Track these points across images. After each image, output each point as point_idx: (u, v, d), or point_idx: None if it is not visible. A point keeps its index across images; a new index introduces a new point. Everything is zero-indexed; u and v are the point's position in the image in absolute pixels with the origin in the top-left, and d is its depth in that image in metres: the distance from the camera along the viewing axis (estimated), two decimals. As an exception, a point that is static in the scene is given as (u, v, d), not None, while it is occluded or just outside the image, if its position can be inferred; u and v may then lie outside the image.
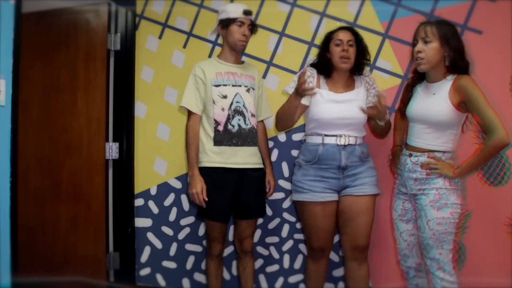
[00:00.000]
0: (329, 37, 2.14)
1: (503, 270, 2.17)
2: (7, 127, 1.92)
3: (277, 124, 2.21)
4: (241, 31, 2.17)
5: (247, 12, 2.18)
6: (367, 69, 2.23)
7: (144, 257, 2.72)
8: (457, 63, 1.83)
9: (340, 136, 2.06)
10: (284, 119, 2.14)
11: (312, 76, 2.15)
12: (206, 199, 2.11)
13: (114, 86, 2.75)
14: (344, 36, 2.09)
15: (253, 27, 2.23)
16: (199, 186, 2.12)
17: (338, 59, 2.07)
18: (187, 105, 2.20)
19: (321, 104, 2.09)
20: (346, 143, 2.06)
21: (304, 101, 2.11)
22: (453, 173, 1.83)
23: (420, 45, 1.84)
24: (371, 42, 2.41)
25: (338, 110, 2.07)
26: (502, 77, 2.21)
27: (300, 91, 1.97)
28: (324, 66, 2.15)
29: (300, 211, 2.20)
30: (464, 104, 1.81)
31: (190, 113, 2.22)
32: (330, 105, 2.08)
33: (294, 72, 2.48)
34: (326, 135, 2.07)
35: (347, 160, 2.05)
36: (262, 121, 2.36)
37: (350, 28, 2.15)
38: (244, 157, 2.19)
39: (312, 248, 2.18)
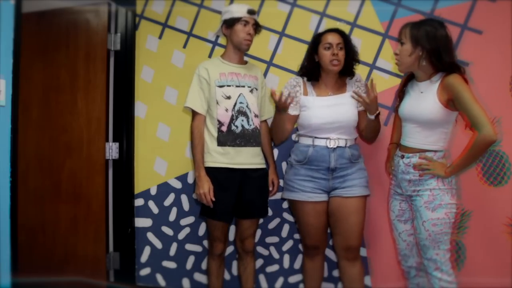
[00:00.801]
0: (317, 40, 2.15)
1: (503, 270, 2.17)
2: (7, 127, 1.93)
3: (272, 138, 2.29)
4: (246, 30, 2.17)
5: (251, 12, 2.19)
6: (359, 73, 2.24)
7: (144, 257, 2.72)
8: (435, 63, 1.83)
9: (330, 139, 2.08)
10: (276, 132, 2.20)
11: (298, 85, 2.19)
12: (214, 199, 2.12)
13: (114, 86, 2.75)
14: (334, 39, 2.10)
15: (257, 27, 2.24)
16: (206, 187, 2.12)
17: (328, 62, 2.09)
18: (192, 105, 2.20)
19: (309, 111, 2.13)
20: (336, 146, 2.08)
21: (292, 111, 2.15)
22: (445, 173, 1.84)
23: (398, 47, 1.90)
24: (371, 42, 2.42)
25: (327, 115, 2.09)
26: (502, 77, 2.20)
27: (280, 108, 2.05)
28: (312, 69, 2.17)
29: (293, 209, 2.26)
30: (452, 102, 1.81)
31: (194, 114, 2.22)
32: (319, 111, 2.11)
33: (294, 72, 2.48)
34: (316, 137, 2.10)
35: (336, 162, 2.07)
36: (265, 120, 2.37)
37: (338, 30, 2.15)
38: (247, 158, 2.19)
39: (306, 246, 2.23)
